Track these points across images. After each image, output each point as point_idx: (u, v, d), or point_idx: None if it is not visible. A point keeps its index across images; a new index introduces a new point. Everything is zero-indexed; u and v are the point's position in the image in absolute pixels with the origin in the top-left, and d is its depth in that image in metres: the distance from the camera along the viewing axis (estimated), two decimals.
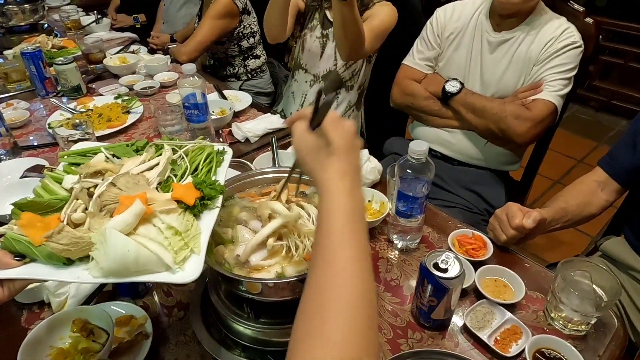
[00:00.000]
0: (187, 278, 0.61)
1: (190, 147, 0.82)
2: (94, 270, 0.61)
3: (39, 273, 0.62)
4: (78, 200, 0.69)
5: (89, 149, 0.86)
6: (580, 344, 0.83)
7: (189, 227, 0.66)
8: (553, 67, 1.35)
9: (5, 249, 0.63)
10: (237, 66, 2.28)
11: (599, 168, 1.24)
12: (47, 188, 0.73)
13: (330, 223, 0.54)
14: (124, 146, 0.85)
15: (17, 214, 0.67)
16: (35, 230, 0.64)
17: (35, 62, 1.72)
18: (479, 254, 1.01)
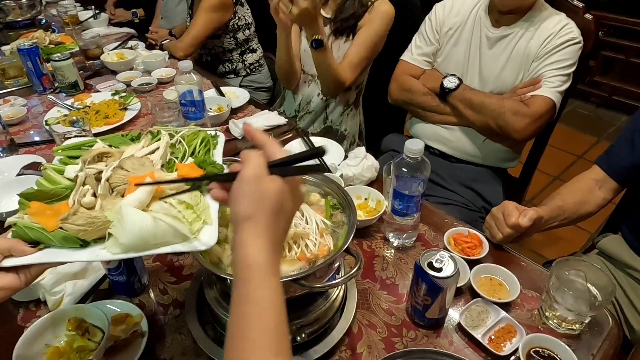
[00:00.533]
0: (204, 245, 0.63)
1: (186, 133, 0.84)
2: (113, 247, 0.62)
3: (56, 256, 0.64)
4: (85, 186, 0.70)
5: (84, 142, 0.86)
6: (574, 343, 0.84)
7: (198, 201, 0.68)
8: (552, 63, 1.34)
9: (17, 237, 0.64)
10: (235, 61, 2.27)
11: (597, 166, 1.23)
12: (49, 179, 0.74)
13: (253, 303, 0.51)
14: (119, 136, 0.86)
15: (24, 204, 0.68)
16: (45, 217, 0.65)
17: (32, 58, 1.71)
18: (474, 252, 1.01)
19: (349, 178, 1.21)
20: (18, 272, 0.63)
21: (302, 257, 0.75)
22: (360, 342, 0.85)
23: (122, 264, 0.89)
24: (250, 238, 0.52)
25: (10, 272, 0.62)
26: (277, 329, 0.50)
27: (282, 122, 1.54)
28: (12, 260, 0.62)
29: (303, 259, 0.75)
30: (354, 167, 1.22)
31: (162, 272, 1.01)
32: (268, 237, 0.52)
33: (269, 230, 0.53)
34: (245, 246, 0.52)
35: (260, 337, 0.49)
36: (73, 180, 0.73)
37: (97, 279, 0.96)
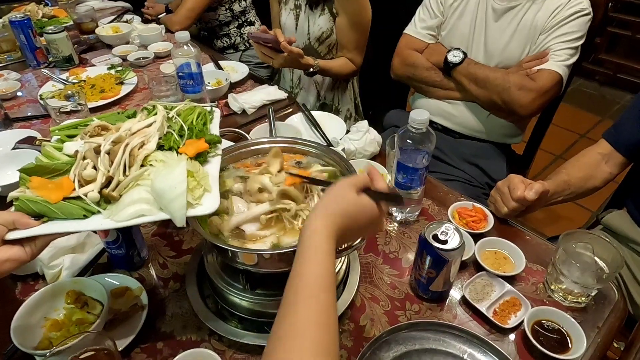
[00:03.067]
0: (207, 210, 0.66)
1: (182, 108, 0.83)
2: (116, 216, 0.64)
3: (61, 227, 0.64)
4: (85, 160, 0.70)
5: (80, 121, 0.85)
6: (579, 316, 0.83)
7: (197, 169, 0.70)
8: (560, 35, 1.30)
9: (21, 210, 0.64)
10: (233, 35, 2.22)
11: (604, 140, 1.21)
12: (48, 155, 0.74)
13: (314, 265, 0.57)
14: (115, 114, 0.85)
15: (25, 179, 0.68)
16: (48, 191, 0.66)
17: (25, 31, 1.66)
18: (479, 226, 1.00)
19: (351, 152, 1.18)
20: (23, 245, 0.63)
21: None
22: (363, 316, 0.84)
23: (120, 237, 0.87)
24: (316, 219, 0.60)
25: (16, 245, 0.63)
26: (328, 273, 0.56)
27: (282, 97, 1.51)
28: (16, 233, 0.63)
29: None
30: (356, 141, 1.19)
31: (161, 247, 1.00)
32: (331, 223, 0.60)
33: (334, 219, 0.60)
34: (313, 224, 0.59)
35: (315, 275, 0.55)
36: (73, 156, 0.72)
37: (96, 252, 0.94)
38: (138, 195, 0.65)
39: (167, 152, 0.73)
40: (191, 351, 0.74)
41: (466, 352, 0.75)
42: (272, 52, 1.50)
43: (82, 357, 0.66)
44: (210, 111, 0.87)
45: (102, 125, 0.76)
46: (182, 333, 0.81)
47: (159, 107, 0.82)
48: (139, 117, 0.80)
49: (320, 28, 1.67)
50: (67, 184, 0.67)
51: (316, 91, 1.86)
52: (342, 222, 0.60)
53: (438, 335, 0.78)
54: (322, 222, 0.59)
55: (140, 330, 0.79)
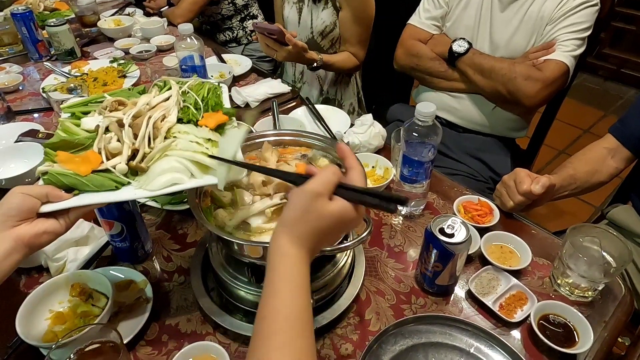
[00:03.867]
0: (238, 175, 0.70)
1: (192, 83, 0.84)
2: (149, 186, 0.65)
3: (94, 198, 0.65)
4: (107, 133, 0.71)
5: (91, 98, 0.85)
6: (586, 310, 0.82)
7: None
8: (567, 26, 1.28)
9: (50, 184, 0.65)
10: (236, 29, 2.21)
11: (610, 135, 1.20)
12: (67, 130, 0.74)
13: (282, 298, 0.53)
14: (127, 91, 0.86)
15: (50, 154, 0.69)
16: (76, 164, 0.67)
17: (27, 24, 1.65)
18: (484, 220, 0.99)
19: (356, 146, 1.18)
20: (57, 218, 0.64)
21: None
22: (368, 309, 0.84)
23: (124, 230, 0.87)
24: (285, 242, 0.55)
25: (50, 218, 0.63)
26: (306, 310, 0.52)
27: (286, 90, 1.50)
28: (51, 206, 0.63)
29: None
30: (360, 135, 1.18)
31: (165, 240, 0.99)
32: (302, 246, 0.55)
33: (305, 241, 0.55)
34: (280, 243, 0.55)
35: (288, 315, 0.51)
36: (92, 131, 0.73)
37: (100, 245, 0.94)
38: (168, 165, 0.66)
39: (188, 124, 0.74)
40: (196, 344, 0.74)
41: (472, 345, 0.75)
42: (276, 44, 1.49)
43: (87, 349, 0.65)
44: (217, 87, 0.88)
45: (119, 100, 0.77)
46: (187, 326, 0.81)
47: (172, 82, 0.82)
48: (153, 92, 0.81)
49: (324, 22, 1.66)
50: (94, 157, 0.68)
51: (319, 85, 1.85)
52: (313, 241, 0.55)
53: (444, 328, 0.77)
54: (292, 243, 0.54)
55: (145, 323, 0.79)
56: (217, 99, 0.81)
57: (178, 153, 0.68)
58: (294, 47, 1.46)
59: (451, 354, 0.74)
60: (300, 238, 0.54)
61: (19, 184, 1.06)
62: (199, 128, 0.74)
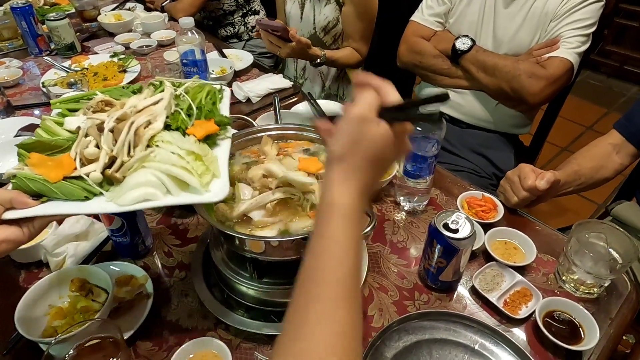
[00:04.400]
0: (215, 197, 0.62)
1: (190, 85, 0.79)
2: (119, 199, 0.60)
3: (60, 208, 0.61)
4: (87, 137, 0.66)
5: (83, 94, 0.81)
6: (591, 307, 0.81)
7: (206, 152, 0.66)
8: (571, 22, 1.27)
9: (18, 189, 0.61)
10: (237, 24, 2.19)
11: (615, 131, 1.19)
12: (48, 130, 0.70)
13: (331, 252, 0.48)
14: (120, 89, 0.81)
15: (24, 155, 0.64)
16: (47, 169, 0.62)
17: (27, 18, 1.64)
18: (488, 216, 0.98)
19: None
20: (21, 225, 0.60)
21: (313, 214, 0.71)
22: (371, 305, 0.83)
23: (125, 225, 0.86)
24: (338, 179, 0.49)
25: (13, 225, 0.59)
26: (351, 272, 0.46)
27: (287, 85, 1.49)
28: (14, 213, 0.59)
29: (314, 217, 0.71)
30: None
31: (166, 235, 0.98)
32: (357, 180, 0.49)
33: (360, 173, 0.49)
34: (331, 186, 0.49)
35: (332, 280, 0.45)
36: (74, 132, 0.69)
37: (100, 240, 0.93)
38: (144, 178, 0.61)
39: (174, 132, 0.69)
40: (197, 340, 0.73)
41: (477, 342, 0.74)
42: (280, 41, 1.48)
43: (87, 345, 0.65)
44: (219, 90, 0.83)
45: (105, 100, 0.71)
46: (188, 322, 0.80)
47: (166, 83, 0.77)
48: (145, 93, 0.76)
49: (326, 17, 1.65)
50: (67, 162, 0.63)
51: (321, 82, 1.84)
52: (369, 172, 0.50)
53: (449, 325, 0.76)
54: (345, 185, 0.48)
55: (145, 319, 0.78)
56: (213, 105, 0.76)
57: (155, 165, 0.63)
58: (298, 44, 1.45)
59: (455, 351, 0.73)
60: (353, 174, 0.49)
61: None
62: (186, 137, 0.68)
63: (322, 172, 0.77)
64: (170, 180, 0.62)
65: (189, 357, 0.72)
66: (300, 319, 0.44)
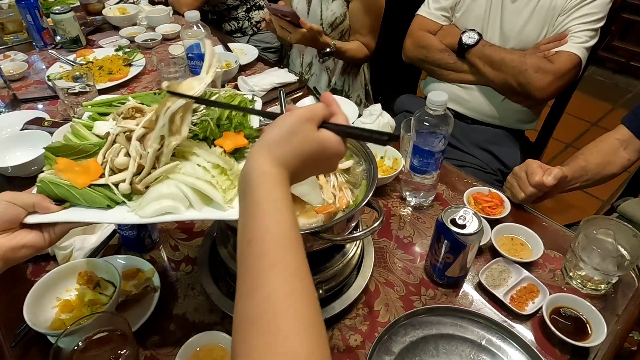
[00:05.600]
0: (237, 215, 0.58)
1: (222, 95, 0.78)
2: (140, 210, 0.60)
3: (83, 216, 0.60)
4: (115, 144, 0.66)
5: (115, 98, 0.81)
6: (598, 304, 0.81)
7: (232, 166, 0.65)
8: (580, 16, 1.26)
9: (42, 193, 0.61)
10: (241, 19, 2.18)
11: (622, 126, 1.18)
12: (77, 134, 0.70)
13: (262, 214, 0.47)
14: (152, 95, 0.81)
15: (51, 158, 0.64)
16: (74, 174, 0.62)
17: (32, 11, 1.64)
18: (495, 211, 0.98)
19: None
20: (42, 230, 0.60)
21: (320, 210, 0.71)
22: (377, 300, 0.83)
23: None
24: (264, 160, 0.49)
25: (34, 230, 0.59)
26: (294, 227, 0.47)
27: (293, 80, 1.49)
28: (36, 217, 0.59)
29: (321, 212, 0.71)
30: (369, 125, 1.17)
31: (172, 229, 0.98)
32: (283, 166, 0.49)
33: (286, 162, 0.50)
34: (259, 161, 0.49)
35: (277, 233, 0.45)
36: (103, 137, 0.69)
37: (107, 234, 0.93)
38: (167, 190, 0.61)
39: (202, 142, 0.67)
40: (204, 333, 0.73)
41: (484, 337, 0.74)
42: (291, 26, 1.47)
43: (95, 337, 0.65)
44: (251, 100, 0.82)
45: (136, 107, 0.70)
46: (195, 315, 0.81)
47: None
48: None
49: (334, 13, 1.64)
50: (94, 168, 0.63)
51: (327, 77, 1.83)
52: (296, 164, 0.51)
53: (455, 320, 0.76)
54: (272, 162, 0.49)
55: (152, 313, 0.78)
56: (243, 117, 0.74)
57: (180, 178, 0.62)
58: (309, 31, 1.45)
59: (462, 346, 0.74)
60: (281, 158, 0.49)
61: (25, 171, 1.07)
62: (213, 149, 0.67)
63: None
64: (194, 193, 0.61)
65: (196, 350, 0.72)
66: (254, 273, 0.44)
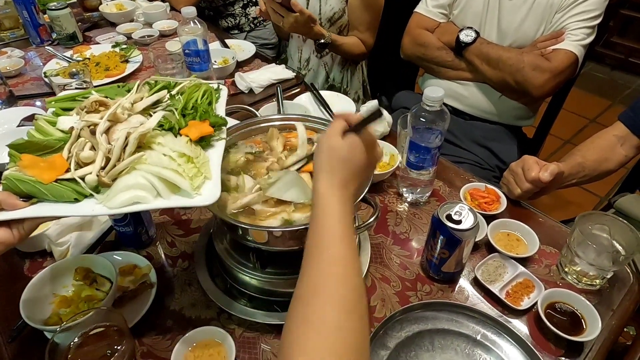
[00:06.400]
0: (206, 201, 0.62)
1: (186, 85, 0.78)
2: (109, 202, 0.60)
3: (50, 210, 0.60)
4: (80, 138, 0.65)
5: (79, 93, 0.81)
6: (593, 299, 0.82)
7: (198, 154, 0.66)
8: (577, 14, 1.26)
9: (8, 190, 0.60)
10: (238, 16, 2.18)
11: (619, 123, 1.18)
12: (41, 130, 0.69)
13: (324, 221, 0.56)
14: (115, 87, 0.81)
15: (15, 156, 0.63)
16: (39, 170, 0.61)
17: (28, 7, 1.63)
18: (491, 207, 0.98)
19: None
20: (11, 227, 0.59)
21: None
22: (374, 296, 0.84)
23: (128, 215, 0.86)
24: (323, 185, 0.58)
25: (2, 227, 0.59)
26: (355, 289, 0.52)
27: (290, 76, 1.48)
28: (3, 214, 0.58)
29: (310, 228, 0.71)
30: None
31: (169, 225, 0.99)
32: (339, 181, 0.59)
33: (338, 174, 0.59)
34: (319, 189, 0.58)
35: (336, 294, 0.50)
36: (67, 132, 0.68)
37: (103, 230, 0.93)
38: (134, 180, 0.60)
39: (167, 133, 0.68)
40: (201, 329, 0.73)
41: (479, 332, 0.75)
42: (283, 9, 1.46)
43: (92, 333, 0.65)
44: (217, 89, 0.82)
45: (99, 100, 0.71)
46: (192, 311, 0.81)
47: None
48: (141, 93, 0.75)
49: (332, 8, 1.63)
50: (60, 162, 0.63)
51: (325, 73, 1.83)
52: (343, 172, 0.59)
53: (451, 315, 0.77)
54: (326, 182, 0.58)
55: (149, 308, 0.78)
56: (209, 105, 0.75)
57: (146, 168, 0.62)
58: (301, 15, 1.44)
59: (457, 341, 0.74)
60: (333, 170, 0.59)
61: None
62: (178, 138, 0.67)
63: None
64: (161, 182, 0.61)
65: (192, 345, 0.72)
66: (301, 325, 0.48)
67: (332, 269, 0.51)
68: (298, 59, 1.87)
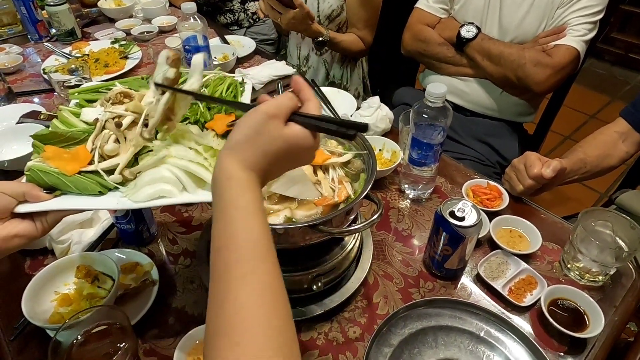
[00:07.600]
0: None
1: (211, 77, 0.77)
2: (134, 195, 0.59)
3: (75, 203, 0.59)
4: (105, 130, 0.65)
5: (102, 84, 0.81)
6: (596, 295, 0.81)
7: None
8: (578, 9, 1.25)
9: (32, 182, 0.60)
10: (237, 11, 2.16)
11: (621, 119, 1.18)
12: (65, 121, 0.69)
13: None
14: (139, 79, 0.81)
15: (39, 147, 0.63)
16: (63, 162, 0.61)
17: (26, 3, 1.62)
18: (494, 204, 0.98)
19: None
20: (34, 220, 0.59)
21: (319, 202, 0.71)
22: (376, 293, 0.83)
23: (130, 212, 0.86)
24: (230, 165, 0.49)
25: (26, 219, 0.58)
26: (265, 234, 0.47)
27: (290, 72, 1.48)
28: (26, 206, 0.58)
29: (320, 204, 0.71)
30: (367, 118, 1.16)
31: (170, 223, 0.98)
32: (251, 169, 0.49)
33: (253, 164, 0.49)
34: (225, 166, 0.49)
35: (246, 241, 0.45)
36: (91, 124, 0.68)
37: (105, 228, 0.93)
38: (160, 174, 0.60)
39: (193, 126, 0.67)
40: (203, 327, 0.73)
41: (483, 329, 0.74)
42: (281, 6, 1.45)
43: (95, 331, 0.65)
44: (241, 82, 0.81)
45: (124, 92, 0.70)
46: (194, 308, 0.81)
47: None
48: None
49: (330, 6, 1.63)
50: (83, 154, 0.62)
51: (325, 70, 1.82)
52: (265, 165, 0.50)
53: (454, 312, 0.77)
54: (240, 166, 0.48)
55: (151, 306, 0.78)
56: (234, 99, 0.74)
57: (172, 161, 0.61)
58: (300, 10, 1.43)
59: (461, 338, 0.74)
60: (248, 161, 0.49)
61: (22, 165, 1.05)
62: (205, 132, 0.66)
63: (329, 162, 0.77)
64: (187, 176, 0.60)
65: (195, 343, 0.72)
66: (224, 282, 0.44)
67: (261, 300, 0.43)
68: (297, 56, 1.87)
